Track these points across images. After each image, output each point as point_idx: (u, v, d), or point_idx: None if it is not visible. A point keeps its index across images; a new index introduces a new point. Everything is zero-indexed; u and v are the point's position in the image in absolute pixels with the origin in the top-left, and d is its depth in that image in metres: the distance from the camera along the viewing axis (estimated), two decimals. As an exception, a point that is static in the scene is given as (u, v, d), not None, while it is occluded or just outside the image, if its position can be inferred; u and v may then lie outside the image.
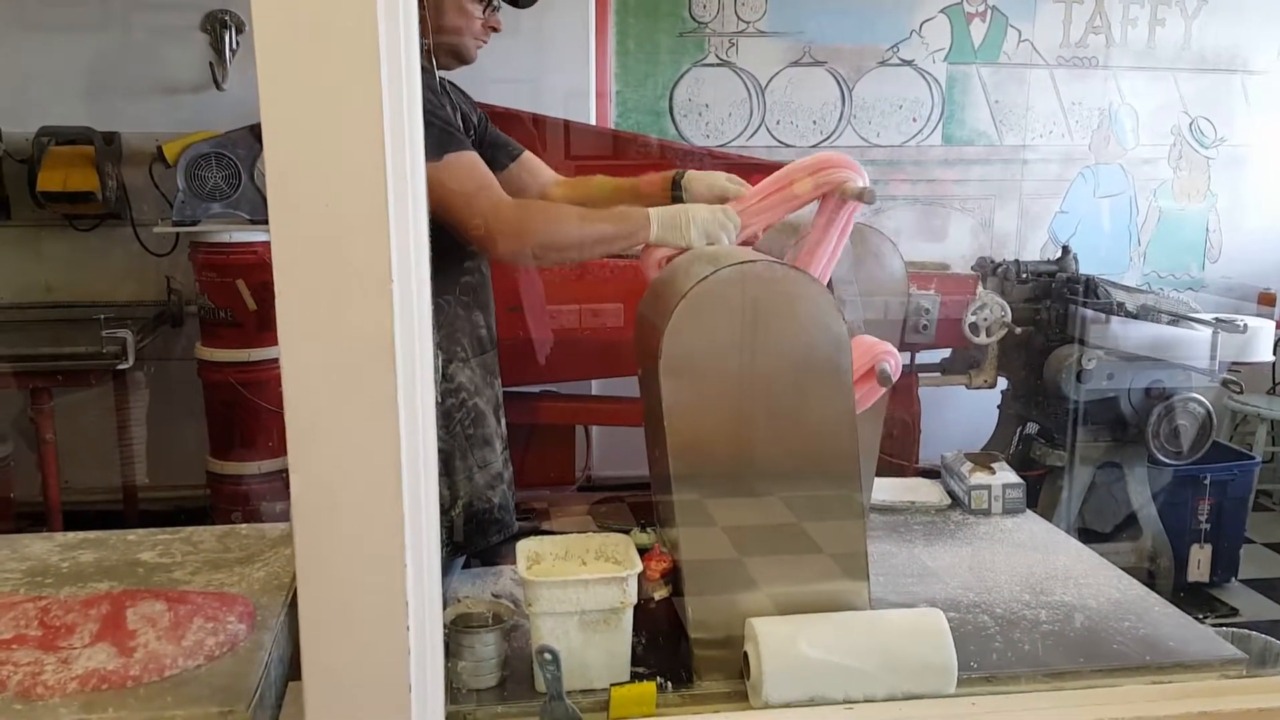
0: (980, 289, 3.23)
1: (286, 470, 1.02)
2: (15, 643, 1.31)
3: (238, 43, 3.79)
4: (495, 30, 1.94)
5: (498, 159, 1.98)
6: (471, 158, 1.76)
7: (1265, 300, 4.25)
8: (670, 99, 4.24)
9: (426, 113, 1.71)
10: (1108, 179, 4.59)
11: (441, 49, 1.89)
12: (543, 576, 1.39)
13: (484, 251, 1.88)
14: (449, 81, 1.98)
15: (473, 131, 1.98)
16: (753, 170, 3.78)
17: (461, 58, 1.94)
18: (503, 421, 2.03)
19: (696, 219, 1.72)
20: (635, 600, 1.40)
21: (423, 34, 1.86)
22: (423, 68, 1.84)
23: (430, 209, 1.08)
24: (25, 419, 3.32)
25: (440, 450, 1.42)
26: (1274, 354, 3.45)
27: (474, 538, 1.90)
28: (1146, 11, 4.45)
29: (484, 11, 1.90)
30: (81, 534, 1.75)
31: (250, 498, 3.46)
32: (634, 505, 2.07)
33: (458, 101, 1.97)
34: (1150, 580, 3.17)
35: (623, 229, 1.74)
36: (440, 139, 1.71)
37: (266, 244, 0.97)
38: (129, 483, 3.76)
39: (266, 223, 0.97)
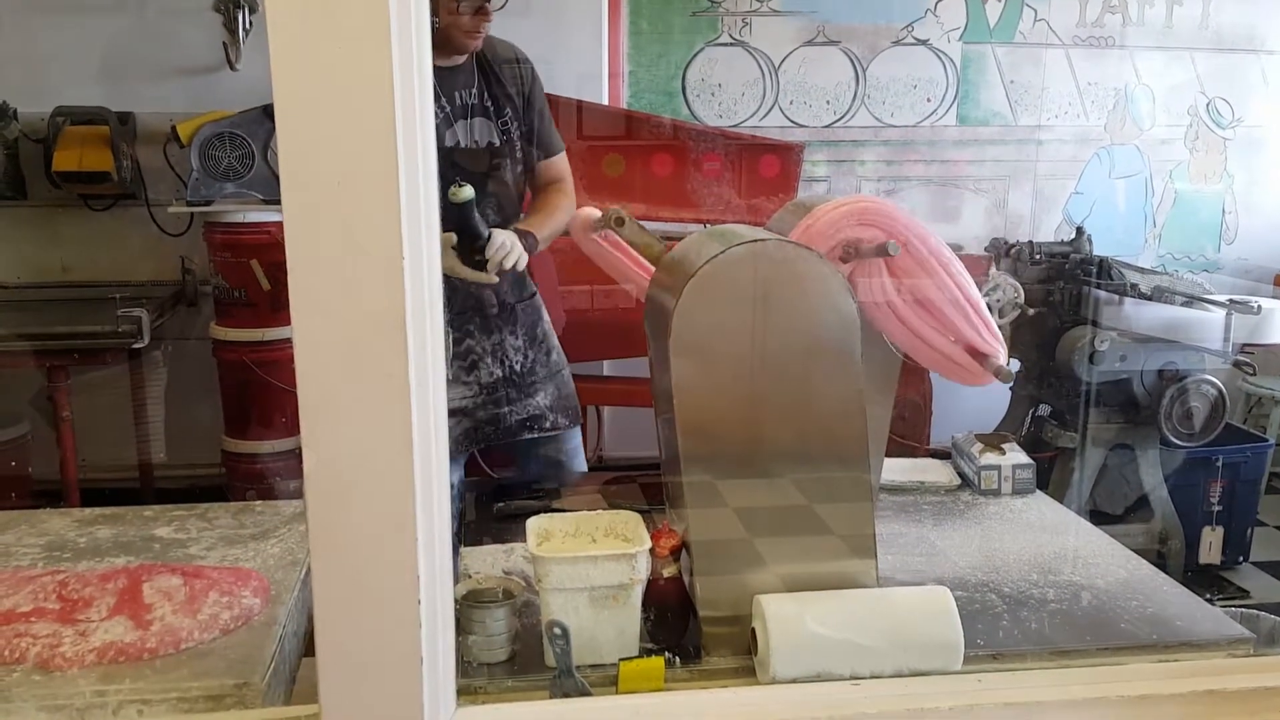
0: (993, 270, 3.22)
1: (301, 448, 1.04)
2: (34, 615, 1.33)
3: (251, 23, 3.79)
4: (486, 21, 1.99)
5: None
6: None
7: (1281, 282, 4.24)
8: (683, 79, 4.22)
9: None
10: (1123, 160, 4.55)
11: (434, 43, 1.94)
12: (553, 553, 1.40)
13: None
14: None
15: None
16: (765, 150, 3.80)
17: (455, 50, 2.00)
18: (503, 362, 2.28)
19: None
20: (644, 577, 1.41)
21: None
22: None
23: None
24: (43, 398, 3.35)
25: None
26: (1288, 336, 3.43)
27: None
28: (1164, -10, 4.41)
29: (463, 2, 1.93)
30: (99, 510, 1.77)
31: (265, 476, 3.48)
32: (644, 485, 2.08)
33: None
34: (1161, 562, 3.17)
35: None
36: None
37: (280, 224, 0.98)
38: (145, 461, 3.79)
39: (280, 203, 0.98)
